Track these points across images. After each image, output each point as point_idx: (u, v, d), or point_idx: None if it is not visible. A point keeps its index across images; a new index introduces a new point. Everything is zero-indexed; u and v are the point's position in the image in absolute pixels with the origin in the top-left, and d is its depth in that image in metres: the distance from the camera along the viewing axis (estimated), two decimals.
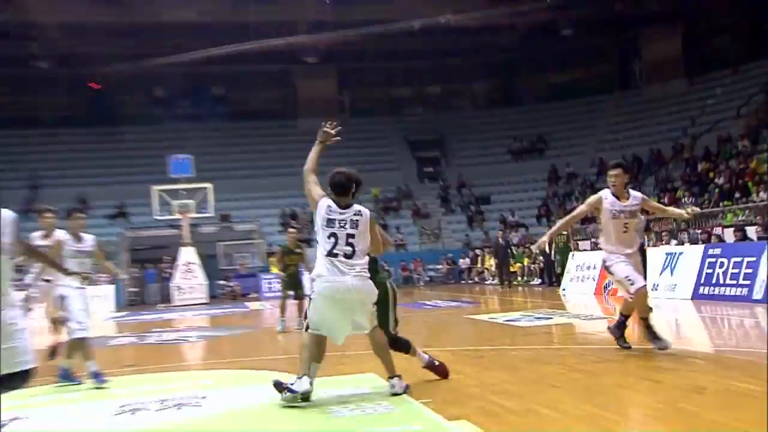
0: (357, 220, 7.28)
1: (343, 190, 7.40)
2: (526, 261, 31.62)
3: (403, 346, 8.23)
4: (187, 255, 32.98)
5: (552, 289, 25.98)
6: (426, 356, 8.26)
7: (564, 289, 24.14)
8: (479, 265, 35.92)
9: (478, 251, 36.91)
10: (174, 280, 33.40)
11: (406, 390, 7.31)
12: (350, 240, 7.19)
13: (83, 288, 9.60)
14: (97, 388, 9.10)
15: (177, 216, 33.70)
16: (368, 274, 7.34)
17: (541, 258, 29.58)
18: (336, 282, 7.14)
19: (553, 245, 27.82)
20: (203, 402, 7.72)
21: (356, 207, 7.39)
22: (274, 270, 28.74)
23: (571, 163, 42.36)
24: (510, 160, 45.44)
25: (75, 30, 40.25)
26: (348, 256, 7.17)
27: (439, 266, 38.32)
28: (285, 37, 36.99)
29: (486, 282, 33.74)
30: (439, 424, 6.04)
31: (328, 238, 7.22)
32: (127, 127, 45.22)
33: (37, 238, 9.93)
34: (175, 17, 38.46)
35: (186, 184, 34.96)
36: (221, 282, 36.07)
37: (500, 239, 32.34)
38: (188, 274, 33.06)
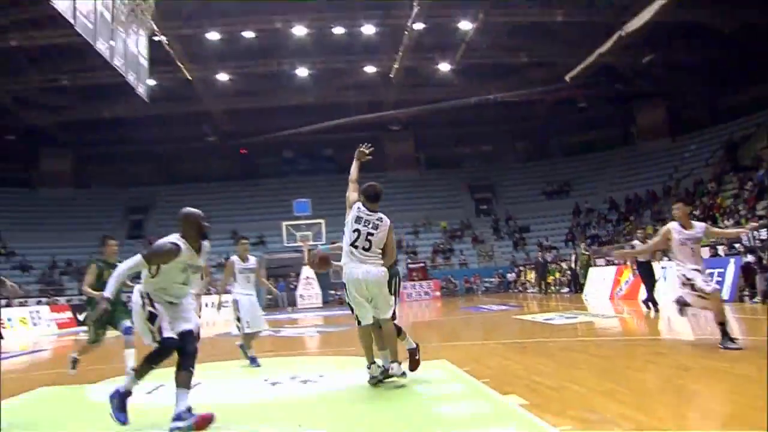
0: (378, 224, 7.01)
1: (373, 199, 7.17)
2: (557, 274, 31.19)
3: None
4: (307, 272, 33.45)
5: (577, 295, 25.54)
6: (413, 343, 7.56)
7: (586, 295, 23.74)
8: (522, 278, 35.58)
9: (521, 267, 36.62)
10: (298, 290, 33.96)
11: (403, 374, 7.01)
12: (369, 237, 6.94)
13: (251, 294, 9.79)
14: (254, 366, 9.31)
15: (299, 243, 34.18)
16: (381, 263, 7.02)
17: (569, 271, 29.25)
18: (355, 267, 6.93)
19: (578, 261, 27.52)
20: (320, 379, 7.72)
21: (380, 214, 7.11)
22: None
23: (589, 201, 41.84)
24: (544, 199, 44.97)
25: (231, 114, 41.65)
26: (365, 249, 6.93)
27: (493, 279, 38.01)
28: (376, 113, 37.37)
29: (527, 291, 33.34)
30: (496, 397, 5.94)
31: (353, 232, 6.98)
32: (265, 179, 46.34)
33: (237, 260, 9.91)
34: (298, 101, 39.37)
35: (306, 220, 35.54)
36: (331, 291, 36.30)
37: (539, 258, 32.11)
38: (308, 286, 33.64)
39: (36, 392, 8.21)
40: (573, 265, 28.47)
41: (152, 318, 5.54)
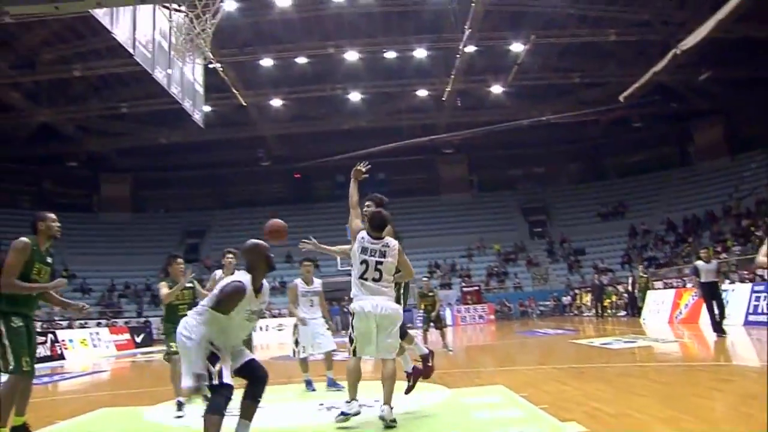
0: (385, 251, 6.62)
1: (379, 227, 6.82)
2: (614, 297, 30.64)
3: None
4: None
5: (634, 319, 25.01)
6: (425, 349, 7.62)
7: (644, 319, 23.23)
8: (578, 301, 35.07)
9: (576, 290, 36.09)
10: None
11: (392, 423, 6.34)
12: (378, 267, 6.59)
13: (314, 318, 9.83)
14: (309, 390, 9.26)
15: None
16: (393, 296, 6.68)
17: (626, 294, 28.73)
18: (366, 300, 6.52)
19: (636, 284, 27.02)
20: (376, 404, 7.58)
21: (385, 239, 6.75)
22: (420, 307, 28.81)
23: (645, 222, 40.97)
24: (599, 221, 44.24)
25: (285, 139, 42.25)
26: (376, 280, 6.54)
27: (548, 302, 37.50)
28: (429, 136, 37.41)
29: (583, 314, 32.78)
30: (555, 424, 5.80)
31: (361, 264, 6.65)
32: (318, 203, 46.63)
33: (300, 284, 9.95)
34: (351, 125, 39.71)
35: None
36: None
37: (595, 281, 31.62)
38: None
39: (98, 412, 8.46)
40: (630, 288, 27.93)
41: (214, 358, 5.13)
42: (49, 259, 6.09)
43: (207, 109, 31.41)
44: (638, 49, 32.08)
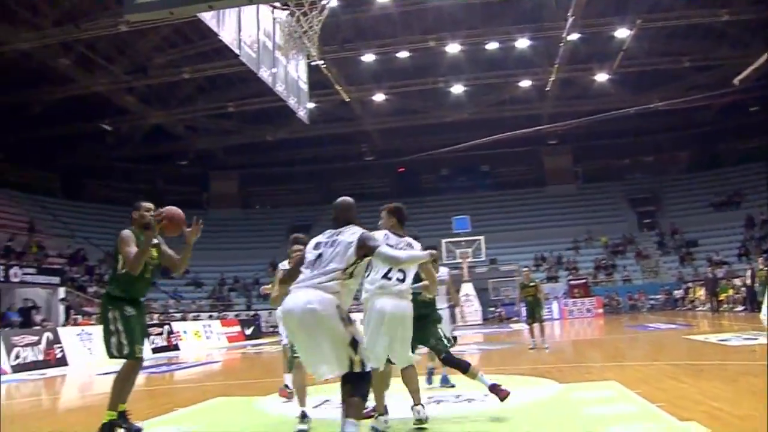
0: (408, 249, 6.05)
1: (403, 222, 6.43)
2: (730, 291, 29.30)
3: (460, 364, 6.88)
4: (467, 288, 33.13)
5: (754, 314, 23.77)
6: (487, 380, 6.73)
7: (764, 314, 22.06)
8: (691, 295, 33.79)
9: (689, 284, 34.81)
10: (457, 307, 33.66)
11: (426, 419, 6.14)
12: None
13: (441, 310, 8.63)
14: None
15: (459, 260, 34.06)
16: (410, 297, 5.93)
17: (743, 288, 27.40)
18: (385, 301, 5.76)
19: (756, 277, 25.70)
20: (486, 399, 7.53)
21: (407, 238, 6.25)
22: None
23: (764, 212, 38.83)
24: (712, 211, 42.40)
25: (388, 133, 42.53)
26: (401, 280, 5.85)
27: (658, 296, 36.41)
28: (532, 127, 36.77)
29: (697, 309, 31.52)
30: (674, 423, 5.49)
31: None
32: (423, 197, 46.71)
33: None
34: (454, 117, 39.57)
35: (465, 237, 35.46)
36: (491, 308, 35.96)
37: (710, 274, 30.41)
38: (467, 303, 33.16)
39: (213, 401, 8.79)
40: (749, 282, 26.59)
41: (355, 344, 4.75)
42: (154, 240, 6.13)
43: (311, 105, 31.96)
44: (754, 29, 30.48)
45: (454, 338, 8.34)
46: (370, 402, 5.75)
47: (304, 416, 6.30)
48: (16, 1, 25.46)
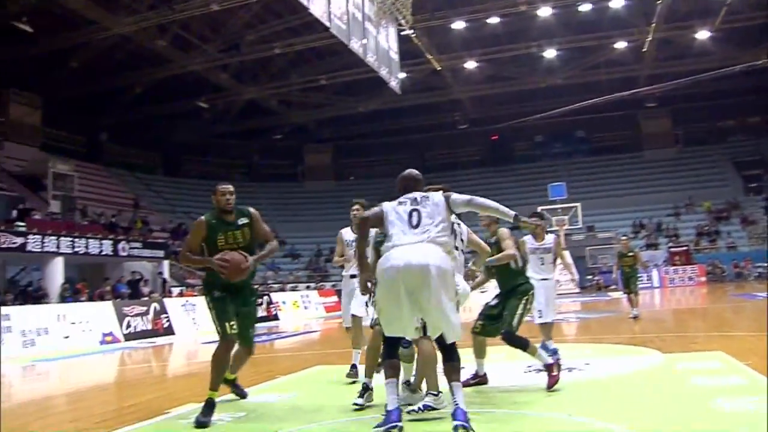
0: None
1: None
2: None
3: (520, 343, 6.43)
4: (564, 257, 32.66)
5: None
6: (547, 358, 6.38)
7: None
8: None
9: None
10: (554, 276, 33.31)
11: (421, 409, 5.25)
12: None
13: (546, 279, 8.45)
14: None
15: (555, 228, 33.58)
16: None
17: None
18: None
19: None
20: (586, 367, 7.50)
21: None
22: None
23: None
24: None
25: (480, 100, 42.18)
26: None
27: (765, 264, 34.95)
28: (629, 90, 35.69)
29: None
30: None
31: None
32: (517, 165, 46.44)
33: (530, 239, 8.36)
34: (547, 83, 38.87)
35: (561, 204, 34.96)
36: (588, 277, 35.42)
37: None
38: (564, 271, 32.71)
39: (312, 369, 9.13)
40: None
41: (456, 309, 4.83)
42: (241, 221, 6.04)
43: (402, 75, 32.03)
44: None
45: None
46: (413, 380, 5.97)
47: (366, 389, 5.94)
48: None
